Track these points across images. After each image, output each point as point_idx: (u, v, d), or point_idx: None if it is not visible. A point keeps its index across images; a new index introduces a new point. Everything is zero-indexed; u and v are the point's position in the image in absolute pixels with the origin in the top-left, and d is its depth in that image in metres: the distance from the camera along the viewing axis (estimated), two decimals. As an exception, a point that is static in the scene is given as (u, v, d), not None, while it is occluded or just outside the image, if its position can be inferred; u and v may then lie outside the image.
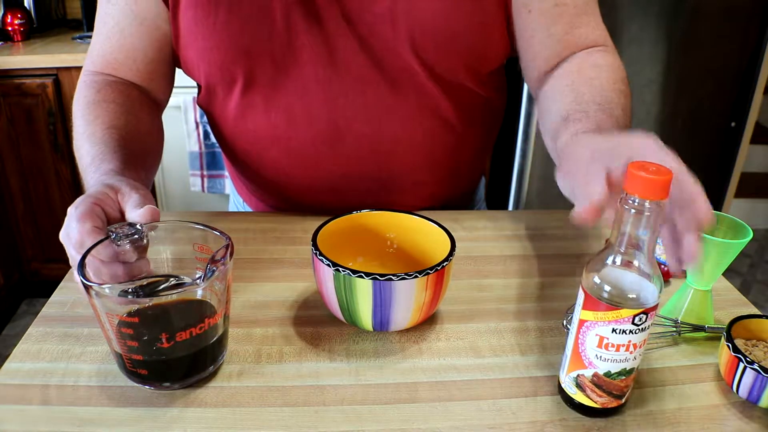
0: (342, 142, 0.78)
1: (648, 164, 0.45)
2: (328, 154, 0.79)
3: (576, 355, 0.51)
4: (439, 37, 0.72)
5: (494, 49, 0.77)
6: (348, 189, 0.82)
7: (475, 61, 0.76)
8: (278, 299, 0.67)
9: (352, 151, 0.79)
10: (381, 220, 0.67)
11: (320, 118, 0.76)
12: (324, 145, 0.78)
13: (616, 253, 0.48)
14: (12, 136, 1.90)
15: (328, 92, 0.75)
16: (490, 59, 0.77)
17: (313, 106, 0.76)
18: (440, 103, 0.78)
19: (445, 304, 0.66)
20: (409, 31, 0.71)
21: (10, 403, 0.52)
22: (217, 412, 0.52)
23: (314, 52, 0.73)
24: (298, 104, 0.76)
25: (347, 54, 0.73)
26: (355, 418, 0.52)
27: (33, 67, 1.83)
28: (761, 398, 0.52)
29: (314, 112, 0.76)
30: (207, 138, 1.91)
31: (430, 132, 0.80)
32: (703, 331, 0.62)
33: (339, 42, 0.72)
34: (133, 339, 0.50)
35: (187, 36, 0.74)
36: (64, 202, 2.00)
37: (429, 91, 0.76)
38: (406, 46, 0.72)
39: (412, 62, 0.73)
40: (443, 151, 0.82)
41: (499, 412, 0.53)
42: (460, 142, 0.83)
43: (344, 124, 0.76)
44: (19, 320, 2.10)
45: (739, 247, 0.57)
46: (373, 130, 0.77)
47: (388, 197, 0.84)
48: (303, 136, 0.78)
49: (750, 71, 2.05)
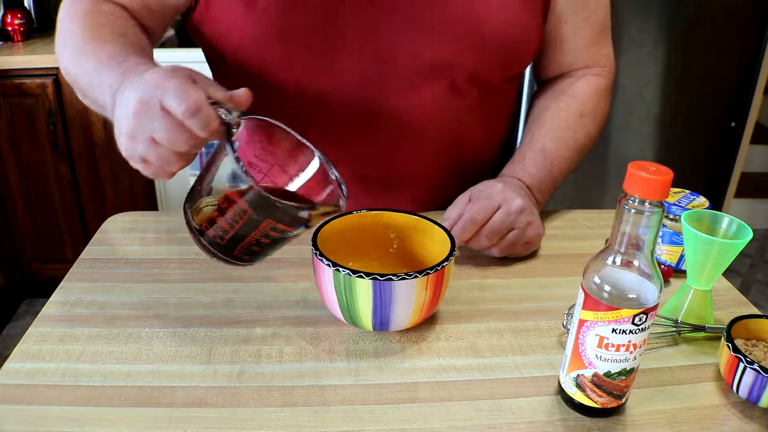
0: (373, 132, 0.79)
1: (648, 164, 0.45)
2: (359, 142, 0.80)
3: (576, 355, 0.51)
4: (489, 40, 0.76)
5: (529, 52, 0.82)
6: (366, 185, 0.83)
7: (510, 64, 0.81)
8: (278, 299, 0.67)
9: (381, 141, 0.80)
10: (381, 220, 0.67)
11: (354, 105, 0.77)
12: (356, 134, 0.79)
13: (616, 253, 0.48)
14: (12, 136, 1.90)
15: (366, 81, 0.76)
16: (523, 62, 0.83)
17: (349, 94, 0.76)
18: (467, 100, 0.80)
19: (445, 304, 0.66)
20: (456, 30, 0.74)
21: (10, 403, 0.52)
22: (217, 412, 0.52)
23: (357, 42, 0.73)
24: (333, 90, 0.76)
25: (389, 46, 0.74)
26: (355, 418, 0.52)
27: (33, 67, 1.83)
28: (761, 398, 0.52)
29: (349, 101, 0.77)
30: (207, 138, 1.91)
31: (452, 130, 0.83)
32: (703, 331, 0.62)
33: (383, 32, 0.73)
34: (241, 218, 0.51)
35: (220, 8, 0.73)
36: (64, 202, 2.01)
37: (460, 87, 0.79)
38: (450, 44, 0.74)
39: (452, 59, 0.75)
40: (455, 146, 0.85)
41: (499, 412, 0.53)
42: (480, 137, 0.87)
43: (376, 114, 0.78)
44: (19, 320, 2.10)
45: (739, 247, 0.57)
46: (401, 125, 0.79)
47: (399, 195, 0.86)
48: (335, 120, 0.78)
49: (750, 71, 2.05)
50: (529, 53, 0.82)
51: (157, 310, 0.65)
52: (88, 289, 0.68)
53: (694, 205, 0.72)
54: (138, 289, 0.68)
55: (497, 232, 0.71)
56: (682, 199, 0.74)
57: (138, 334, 0.61)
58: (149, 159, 0.53)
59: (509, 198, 0.73)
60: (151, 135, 0.51)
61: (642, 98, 2.03)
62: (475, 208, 0.71)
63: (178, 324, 0.63)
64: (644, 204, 0.45)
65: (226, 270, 0.72)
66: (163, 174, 0.54)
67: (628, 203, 0.46)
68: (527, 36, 0.79)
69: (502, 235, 0.72)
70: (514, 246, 0.73)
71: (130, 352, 0.58)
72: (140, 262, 0.74)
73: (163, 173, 0.54)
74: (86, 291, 0.68)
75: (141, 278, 0.70)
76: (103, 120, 1.90)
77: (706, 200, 0.74)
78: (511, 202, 0.72)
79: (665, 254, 0.74)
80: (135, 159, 0.54)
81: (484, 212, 0.71)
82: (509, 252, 0.74)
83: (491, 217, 0.71)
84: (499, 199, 0.72)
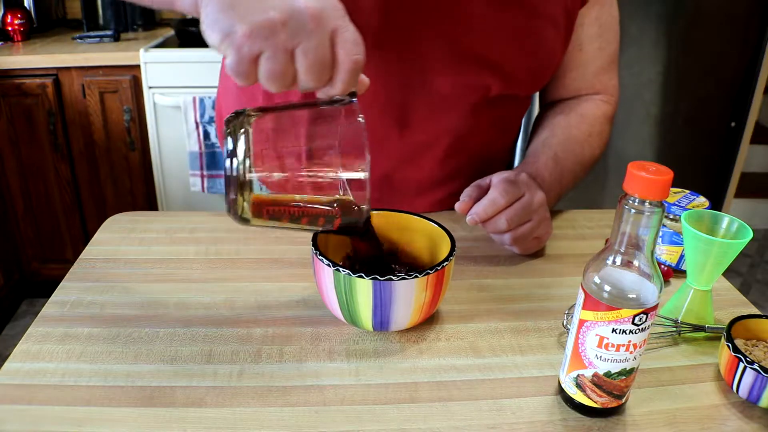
0: (398, 139, 0.80)
1: (648, 164, 0.45)
2: (394, 139, 0.81)
3: (576, 355, 0.51)
4: (527, 60, 0.79)
5: (551, 74, 0.85)
6: (376, 186, 0.84)
7: (535, 82, 0.85)
8: (278, 299, 0.67)
9: (402, 148, 0.82)
10: (381, 220, 0.67)
11: (387, 113, 0.78)
12: (389, 129, 0.80)
13: (616, 253, 0.48)
14: (12, 136, 1.90)
15: (402, 78, 0.77)
16: (545, 82, 0.87)
17: (384, 90, 0.77)
18: (488, 110, 0.82)
19: (445, 304, 0.66)
20: (492, 45, 0.76)
21: (10, 403, 0.52)
22: (217, 412, 0.52)
23: (396, 36, 0.74)
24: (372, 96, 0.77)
25: (427, 47, 0.75)
26: (355, 418, 0.52)
27: (33, 67, 1.83)
28: (761, 398, 0.52)
29: (384, 97, 0.78)
30: (207, 138, 1.90)
31: (470, 138, 0.85)
32: (703, 331, 0.62)
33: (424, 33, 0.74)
34: None
35: None
36: (64, 202, 2.01)
37: (491, 101, 0.81)
38: (487, 59, 0.77)
39: (485, 71, 0.78)
40: (471, 152, 0.86)
41: (499, 412, 0.53)
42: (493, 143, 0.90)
43: (410, 113, 0.79)
44: (19, 320, 2.10)
45: (739, 247, 0.57)
46: (424, 133, 0.81)
47: (408, 197, 0.87)
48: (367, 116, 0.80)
49: (750, 71, 2.05)
50: (550, 73, 0.86)
51: (157, 310, 0.65)
52: (88, 289, 0.68)
53: (694, 205, 0.72)
54: (138, 289, 0.68)
55: (517, 218, 0.71)
56: (682, 199, 0.74)
57: (138, 334, 0.61)
58: (270, 66, 0.47)
59: (533, 189, 0.73)
60: (297, 48, 0.47)
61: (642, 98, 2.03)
62: (499, 190, 0.71)
63: (178, 324, 0.63)
64: (644, 204, 0.45)
65: (226, 270, 0.72)
66: (248, 78, 0.47)
67: (628, 203, 0.46)
68: (557, 58, 0.83)
69: (521, 222, 0.72)
70: (526, 238, 0.73)
71: (130, 352, 0.58)
72: (140, 262, 0.74)
73: (268, 80, 0.48)
74: (86, 291, 0.68)
75: (141, 278, 0.70)
76: (103, 120, 1.90)
77: (706, 200, 0.74)
78: (535, 193, 0.73)
79: (665, 254, 0.74)
80: (241, 51, 0.46)
81: (508, 196, 0.70)
82: (520, 244, 0.74)
83: (514, 203, 0.71)
84: (524, 188, 0.73)
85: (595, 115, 0.88)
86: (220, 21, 0.46)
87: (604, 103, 0.89)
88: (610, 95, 0.90)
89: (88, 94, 1.87)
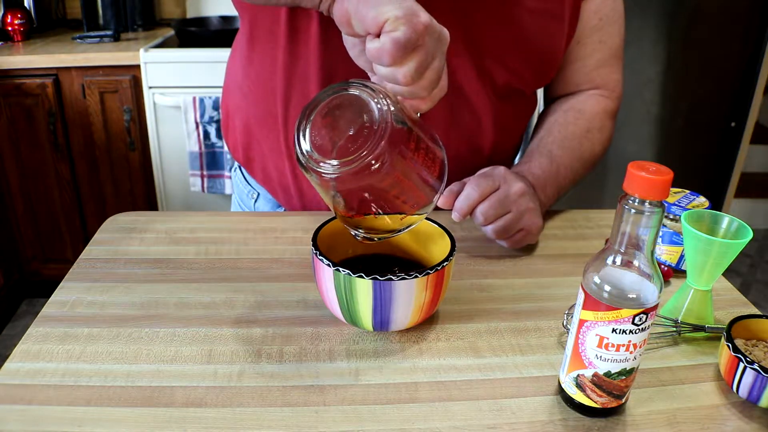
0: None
1: (648, 164, 0.45)
2: None
3: (576, 355, 0.51)
4: (532, 57, 0.80)
5: (556, 67, 0.85)
6: None
7: (540, 79, 0.86)
8: (278, 299, 0.67)
9: None
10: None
11: None
12: None
13: (616, 253, 0.48)
14: (12, 136, 1.90)
15: None
16: (549, 78, 0.87)
17: None
18: (493, 106, 0.82)
19: (445, 304, 0.66)
20: (504, 47, 0.77)
21: (10, 403, 0.52)
22: (217, 412, 0.52)
23: None
24: None
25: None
26: (355, 418, 0.52)
27: (33, 67, 1.83)
28: (761, 398, 0.52)
29: None
30: (207, 138, 1.91)
31: (477, 134, 0.85)
32: (703, 331, 0.62)
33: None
34: None
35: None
36: (64, 202, 2.01)
37: (492, 98, 0.81)
38: (500, 61, 0.78)
39: (489, 59, 0.78)
40: (477, 150, 0.87)
41: (499, 412, 0.53)
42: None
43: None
44: (19, 320, 2.10)
45: (739, 247, 0.57)
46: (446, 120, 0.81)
47: None
48: None
49: (750, 71, 2.05)
50: (555, 69, 0.86)
51: (157, 310, 0.65)
52: (88, 289, 0.68)
53: (694, 205, 0.72)
54: (138, 289, 0.68)
55: (492, 211, 0.71)
56: (682, 199, 0.74)
57: (138, 334, 0.61)
58: (437, 64, 0.55)
59: (510, 180, 0.73)
60: (434, 60, 0.55)
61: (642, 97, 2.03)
62: (473, 184, 0.72)
63: (178, 324, 0.63)
64: (644, 204, 0.45)
65: (226, 270, 0.72)
66: (403, 59, 0.53)
67: (628, 203, 0.46)
68: (560, 52, 0.83)
69: (498, 215, 0.72)
70: (509, 230, 0.73)
71: (130, 352, 0.58)
72: (140, 262, 0.74)
73: (418, 73, 0.54)
74: (86, 291, 0.68)
75: (141, 278, 0.70)
76: (103, 120, 1.90)
77: (706, 200, 0.74)
78: (512, 184, 0.73)
79: (665, 254, 0.74)
80: (417, 31, 0.52)
81: (481, 189, 0.71)
82: (505, 237, 0.74)
83: (489, 195, 0.72)
84: (499, 180, 0.73)
85: (594, 111, 0.87)
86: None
87: (605, 98, 0.89)
88: (612, 90, 0.89)
89: (88, 94, 1.87)
